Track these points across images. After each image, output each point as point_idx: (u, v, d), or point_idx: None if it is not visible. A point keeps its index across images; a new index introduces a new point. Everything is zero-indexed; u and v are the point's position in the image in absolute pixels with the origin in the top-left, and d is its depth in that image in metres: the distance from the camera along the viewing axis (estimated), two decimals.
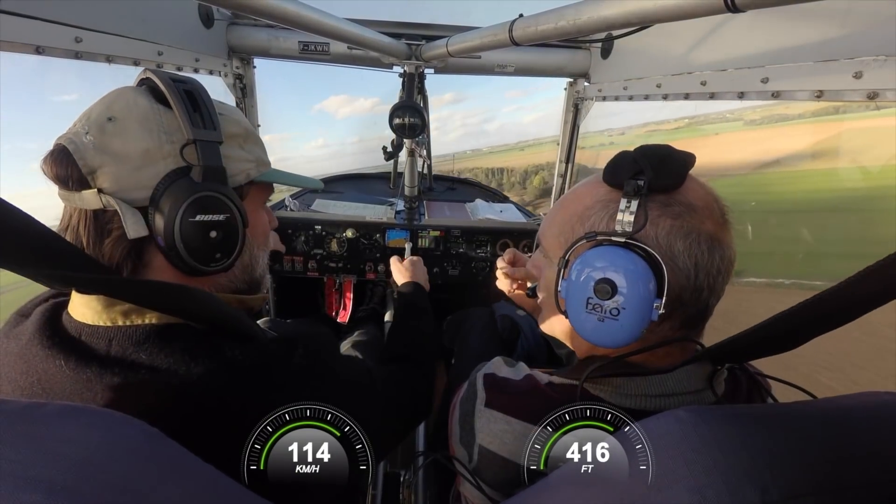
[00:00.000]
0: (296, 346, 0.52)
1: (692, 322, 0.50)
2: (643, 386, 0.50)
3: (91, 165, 0.45)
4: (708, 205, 0.48)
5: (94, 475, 0.26)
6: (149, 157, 0.47)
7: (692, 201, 0.48)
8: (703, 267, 0.47)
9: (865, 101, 0.64)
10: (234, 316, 0.50)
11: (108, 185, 0.46)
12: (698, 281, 0.47)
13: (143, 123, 0.47)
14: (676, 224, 0.47)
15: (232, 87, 1.45)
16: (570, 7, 0.72)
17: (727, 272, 0.48)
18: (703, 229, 0.47)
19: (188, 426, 0.41)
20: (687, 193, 0.48)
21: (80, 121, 0.47)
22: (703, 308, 0.49)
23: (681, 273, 0.47)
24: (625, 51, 1.34)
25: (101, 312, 0.46)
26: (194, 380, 0.44)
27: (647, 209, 0.47)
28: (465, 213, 1.84)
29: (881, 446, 0.32)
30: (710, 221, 0.47)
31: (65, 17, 0.78)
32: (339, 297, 1.76)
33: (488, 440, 0.54)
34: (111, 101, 0.48)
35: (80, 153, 0.45)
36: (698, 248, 0.46)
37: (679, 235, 0.47)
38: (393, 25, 1.40)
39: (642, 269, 0.46)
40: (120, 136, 0.46)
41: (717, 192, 0.50)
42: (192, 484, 0.30)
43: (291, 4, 0.80)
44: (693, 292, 0.47)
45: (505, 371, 0.59)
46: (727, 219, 0.49)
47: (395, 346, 0.86)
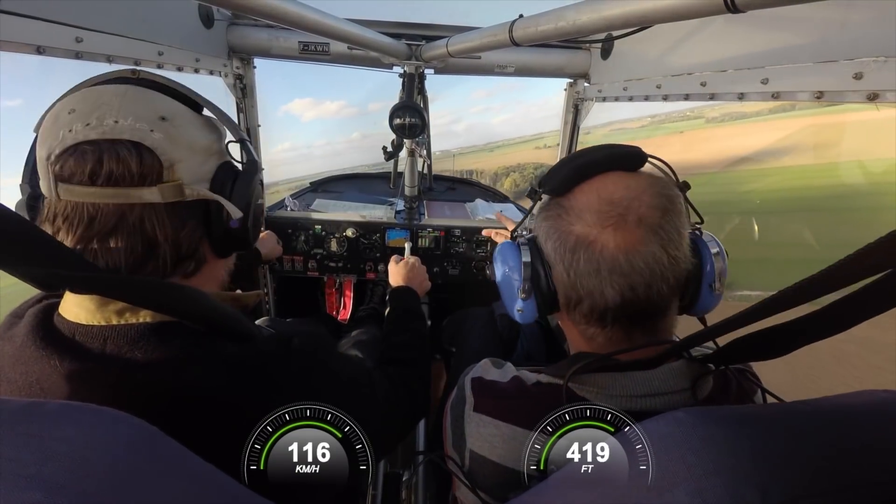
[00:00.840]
0: (293, 344, 0.52)
1: (603, 321, 0.51)
2: (629, 386, 0.50)
3: (171, 158, 0.47)
4: (587, 208, 0.50)
5: (93, 474, 0.26)
6: (208, 152, 0.53)
7: (571, 205, 0.52)
8: (569, 266, 0.51)
9: (866, 101, 0.64)
10: (230, 314, 0.50)
11: (185, 177, 0.48)
12: (571, 279, 0.51)
13: (193, 123, 0.51)
14: (551, 225, 0.53)
15: (232, 87, 1.45)
16: (570, 7, 0.72)
17: (600, 274, 0.48)
18: (572, 231, 0.50)
19: (185, 425, 0.41)
20: (571, 198, 0.52)
21: (120, 118, 0.45)
22: (603, 309, 0.50)
23: (558, 271, 0.52)
24: (625, 51, 1.34)
25: (94, 312, 0.46)
26: (191, 378, 0.44)
27: (539, 210, 0.56)
28: (465, 212, 1.84)
29: (881, 445, 0.32)
30: (582, 224, 0.50)
31: (65, 17, 0.78)
32: (339, 297, 1.77)
33: (478, 444, 0.54)
34: (148, 100, 0.48)
35: (159, 148, 0.46)
36: (563, 248, 0.51)
37: (550, 235, 0.53)
38: (393, 26, 1.40)
39: (512, 256, 0.56)
40: (183, 133, 0.49)
41: (621, 194, 0.49)
42: (190, 482, 0.30)
43: (291, 4, 0.80)
44: (572, 289, 0.51)
45: (492, 374, 0.60)
46: (615, 222, 0.48)
47: (389, 350, 0.86)
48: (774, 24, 0.79)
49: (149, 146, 0.45)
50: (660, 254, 0.47)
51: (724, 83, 0.90)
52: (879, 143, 14.73)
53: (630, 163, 0.53)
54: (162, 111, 0.48)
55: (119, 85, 0.49)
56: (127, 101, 0.47)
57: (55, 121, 0.46)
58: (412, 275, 1.15)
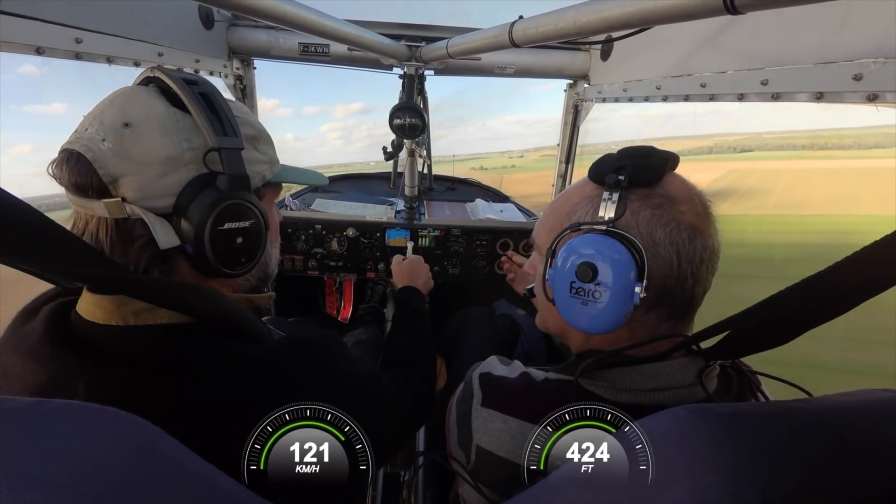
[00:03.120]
0: (307, 347, 0.52)
1: (679, 312, 0.51)
2: (637, 381, 0.50)
3: (112, 174, 0.44)
4: (689, 197, 0.50)
5: (95, 473, 0.26)
6: (171, 165, 0.46)
7: (672, 193, 0.50)
8: (684, 255, 0.48)
9: (865, 102, 0.64)
10: (244, 316, 0.50)
11: (131, 193, 0.45)
12: (681, 269, 0.48)
13: (161, 130, 0.46)
14: (657, 213, 0.49)
15: (232, 87, 1.45)
16: (570, 8, 0.72)
17: (710, 262, 0.50)
18: (684, 219, 0.49)
19: (199, 426, 0.42)
20: (667, 187, 0.51)
21: (90, 125, 0.45)
22: (689, 298, 0.51)
23: (663, 261, 0.48)
24: (624, 52, 1.35)
25: (112, 312, 0.46)
26: (207, 379, 0.45)
27: (628, 201, 0.50)
28: (465, 212, 1.84)
29: (881, 444, 0.32)
30: (691, 212, 0.49)
31: (65, 18, 0.78)
32: (339, 296, 1.77)
33: (485, 440, 0.54)
34: (123, 104, 0.46)
35: (99, 161, 0.43)
36: (679, 236, 0.48)
37: (659, 224, 0.49)
38: (393, 27, 1.40)
39: (622, 253, 0.48)
40: (140, 142, 0.45)
41: (698, 188, 0.53)
42: (193, 483, 0.30)
43: (291, 6, 0.80)
44: (677, 280, 0.49)
45: (500, 370, 0.59)
46: (709, 211, 0.51)
47: (394, 350, 0.86)
48: (774, 25, 0.79)
49: (89, 159, 0.44)
50: (718, 246, 0.51)
51: (724, 84, 0.91)
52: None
53: (677, 163, 0.56)
54: (131, 116, 0.45)
55: (127, 87, 0.49)
56: (112, 105, 0.46)
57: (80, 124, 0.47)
58: (417, 274, 1.15)
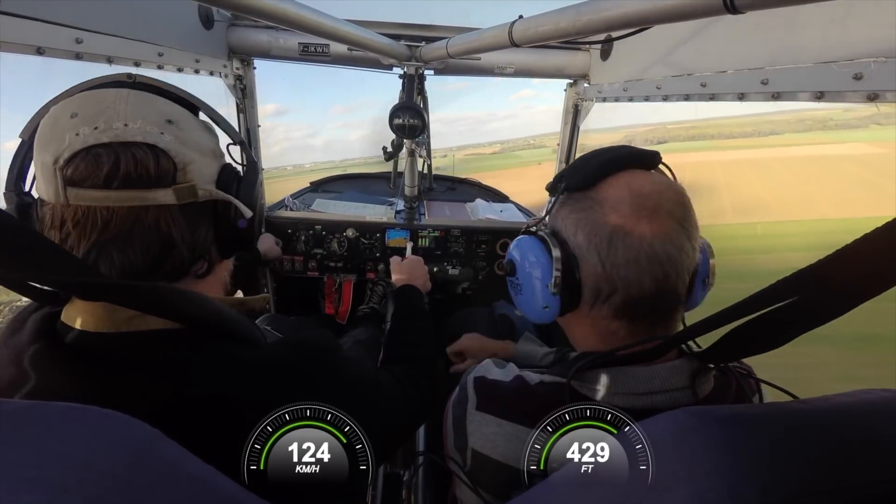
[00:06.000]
0: (301, 349, 0.52)
1: (629, 314, 0.51)
2: (630, 384, 0.50)
3: (184, 161, 0.47)
4: (620, 199, 0.51)
5: (96, 475, 0.26)
6: (213, 154, 0.53)
7: (601, 196, 0.52)
8: (604, 256, 0.50)
9: (866, 102, 0.64)
10: (237, 319, 0.50)
11: (197, 178, 0.48)
12: (605, 270, 0.50)
13: (195, 126, 0.52)
14: (581, 217, 0.52)
15: (232, 87, 1.45)
16: (570, 8, 0.72)
17: (638, 263, 0.49)
18: (606, 221, 0.50)
19: (194, 431, 0.41)
20: (601, 190, 0.52)
21: (129, 121, 0.45)
22: (631, 299, 0.50)
23: (588, 262, 0.52)
24: (625, 52, 1.35)
25: (104, 319, 0.45)
26: (200, 385, 0.44)
27: (561, 205, 0.55)
28: (465, 212, 1.84)
29: (880, 444, 0.32)
30: (616, 214, 0.50)
31: (65, 19, 0.78)
32: (338, 297, 1.77)
33: (480, 443, 0.54)
34: (150, 104, 0.48)
35: (172, 150, 0.46)
36: (596, 238, 0.51)
37: (581, 227, 0.52)
38: (393, 27, 1.40)
39: (536, 251, 0.55)
40: (191, 135, 0.49)
41: (651, 189, 0.51)
42: (190, 485, 0.30)
43: (291, 6, 0.80)
44: (606, 281, 0.51)
45: (495, 373, 0.60)
46: (649, 213, 0.49)
47: (394, 347, 0.86)
48: (774, 25, 0.79)
49: (163, 148, 0.46)
50: (686, 245, 0.50)
51: (724, 84, 0.91)
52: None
53: (647, 162, 0.55)
54: (167, 114, 0.48)
55: (120, 89, 0.48)
56: (131, 104, 0.46)
57: (55, 124, 0.45)
58: (416, 273, 1.15)
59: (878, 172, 43.68)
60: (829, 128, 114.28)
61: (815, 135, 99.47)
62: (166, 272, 0.48)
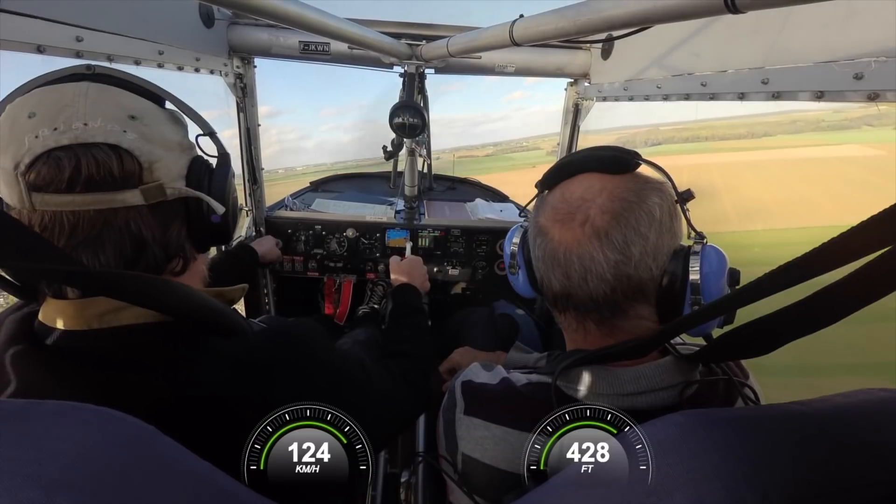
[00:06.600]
0: (284, 337, 0.52)
1: (575, 306, 0.54)
2: (616, 384, 0.50)
3: (149, 159, 0.46)
4: (550, 203, 0.56)
5: (91, 472, 0.26)
6: (182, 148, 0.51)
7: (547, 200, 0.58)
8: (535, 250, 0.58)
9: (866, 101, 0.64)
10: (219, 309, 0.49)
11: (164, 176, 0.47)
12: (536, 263, 0.58)
13: (160, 119, 0.49)
14: (533, 214, 0.60)
15: (233, 86, 1.45)
16: (571, 7, 0.72)
17: (547, 261, 0.55)
18: (538, 221, 0.57)
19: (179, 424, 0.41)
20: (552, 192, 0.58)
21: (90, 120, 0.43)
22: (563, 293, 0.54)
23: (534, 253, 0.58)
24: (625, 51, 1.34)
25: (74, 317, 0.44)
26: (182, 377, 0.44)
27: (535, 203, 0.63)
28: (465, 212, 1.84)
29: (879, 444, 0.32)
30: (543, 217, 0.56)
31: (65, 17, 0.78)
32: (338, 297, 1.77)
33: (470, 447, 0.54)
34: (109, 99, 0.45)
35: (136, 149, 0.44)
36: (532, 235, 0.59)
37: (530, 223, 0.61)
38: (394, 25, 1.40)
39: (512, 237, 0.65)
40: (155, 130, 0.47)
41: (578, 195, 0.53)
42: (188, 481, 0.30)
43: (292, 4, 0.80)
44: (543, 274, 0.57)
45: (482, 376, 0.60)
46: (562, 220, 0.53)
47: (390, 343, 0.87)
48: (775, 24, 0.79)
49: (126, 148, 0.44)
50: (597, 255, 0.50)
51: (725, 83, 0.90)
52: None
53: (611, 165, 0.54)
54: (130, 109, 0.46)
55: (78, 83, 0.46)
56: (91, 100, 0.44)
57: (12, 126, 0.42)
58: (415, 273, 1.15)
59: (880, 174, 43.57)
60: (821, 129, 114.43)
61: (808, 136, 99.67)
62: (141, 271, 0.47)
